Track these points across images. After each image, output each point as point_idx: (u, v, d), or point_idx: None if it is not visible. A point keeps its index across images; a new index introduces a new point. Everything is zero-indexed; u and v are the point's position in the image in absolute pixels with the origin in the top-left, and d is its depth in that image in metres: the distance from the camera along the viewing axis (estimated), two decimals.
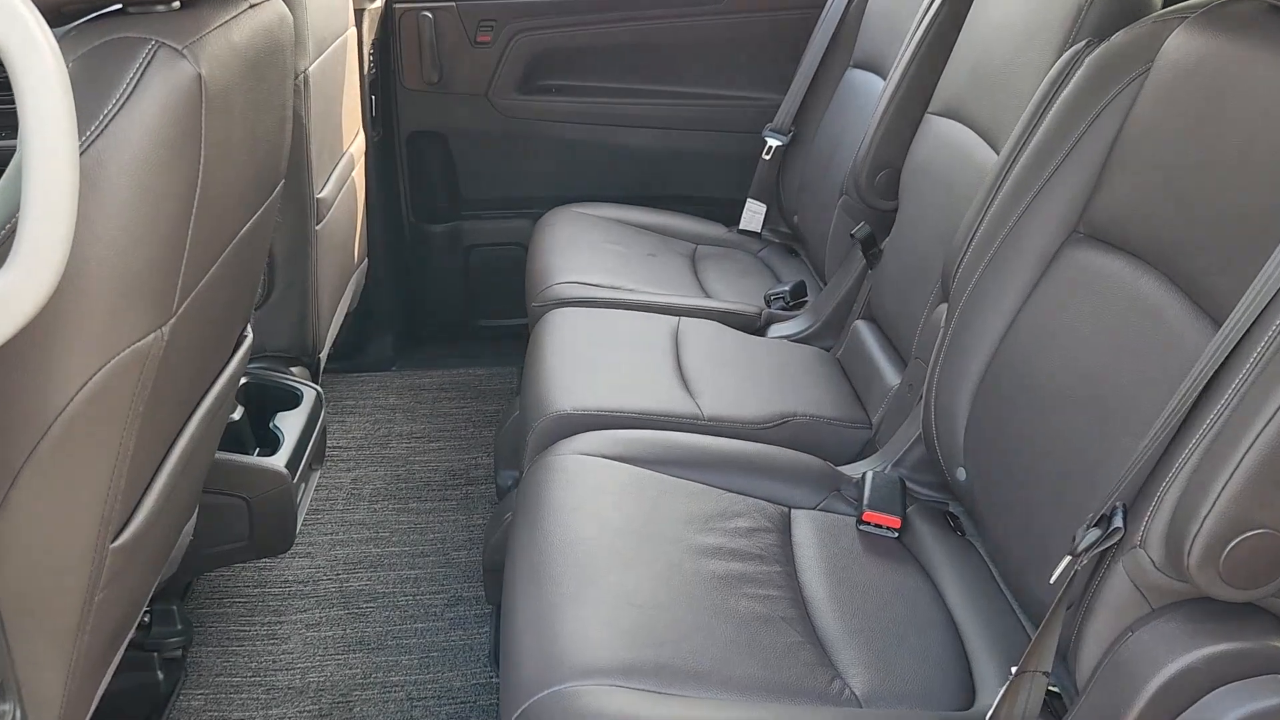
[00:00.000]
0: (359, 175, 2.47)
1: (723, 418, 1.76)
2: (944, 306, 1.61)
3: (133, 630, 1.36)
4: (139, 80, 0.90)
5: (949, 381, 1.51)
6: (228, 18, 1.05)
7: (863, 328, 2.04)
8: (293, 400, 2.01)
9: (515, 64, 2.76)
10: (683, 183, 2.89)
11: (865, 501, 1.58)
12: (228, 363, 1.41)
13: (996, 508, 1.39)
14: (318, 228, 2.07)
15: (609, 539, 1.41)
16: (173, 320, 0.99)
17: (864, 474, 1.64)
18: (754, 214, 2.71)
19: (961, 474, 1.47)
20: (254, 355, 2.10)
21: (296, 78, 1.93)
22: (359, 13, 2.50)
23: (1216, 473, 0.98)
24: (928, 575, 1.49)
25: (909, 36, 2.10)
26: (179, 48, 0.94)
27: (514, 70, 2.77)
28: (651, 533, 1.44)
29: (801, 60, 2.65)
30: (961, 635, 1.37)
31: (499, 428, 2.36)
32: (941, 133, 1.90)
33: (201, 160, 0.97)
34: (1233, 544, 0.98)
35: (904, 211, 1.98)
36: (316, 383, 2.20)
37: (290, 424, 1.94)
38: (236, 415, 1.86)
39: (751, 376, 1.92)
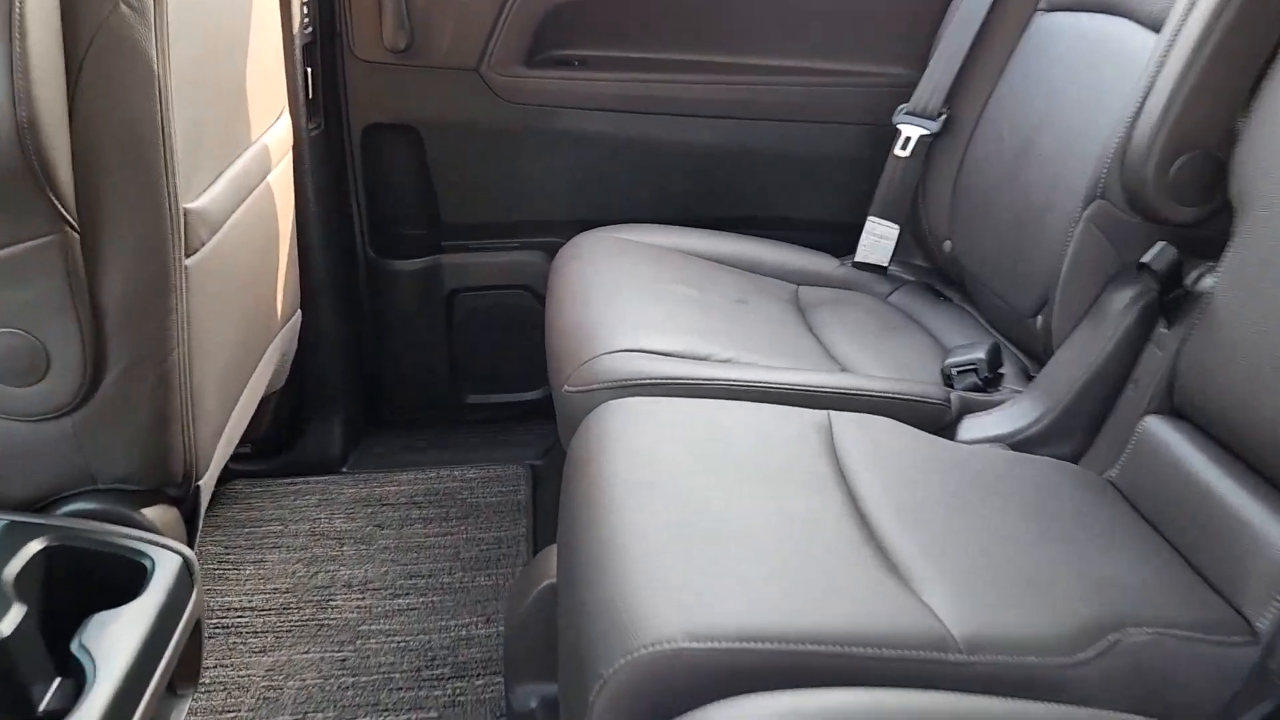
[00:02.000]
0: (280, 181, 1.56)
1: (992, 644, 0.86)
2: None
3: None
4: None
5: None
6: None
7: (1163, 432, 1.14)
8: (132, 580, 1.09)
9: (522, 24, 1.87)
10: (767, 196, 2.00)
11: None
12: None
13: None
14: (188, 262, 1.17)
15: None
16: None
17: None
18: (879, 240, 1.82)
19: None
20: (72, 492, 1.19)
21: None
22: None
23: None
24: None
25: None
26: None
27: (520, 34, 1.88)
28: None
29: (950, 10, 1.78)
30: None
31: (512, 599, 1.43)
32: None
33: None
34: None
35: (1252, 228, 1.09)
36: (194, 534, 1.28)
37: (118, 634, 1.01)
38: (9, 625, 0.95)
39: (1011, 542, 1.02)
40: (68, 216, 1.04)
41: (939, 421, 1.33)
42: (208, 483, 1.30)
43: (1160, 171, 1.18)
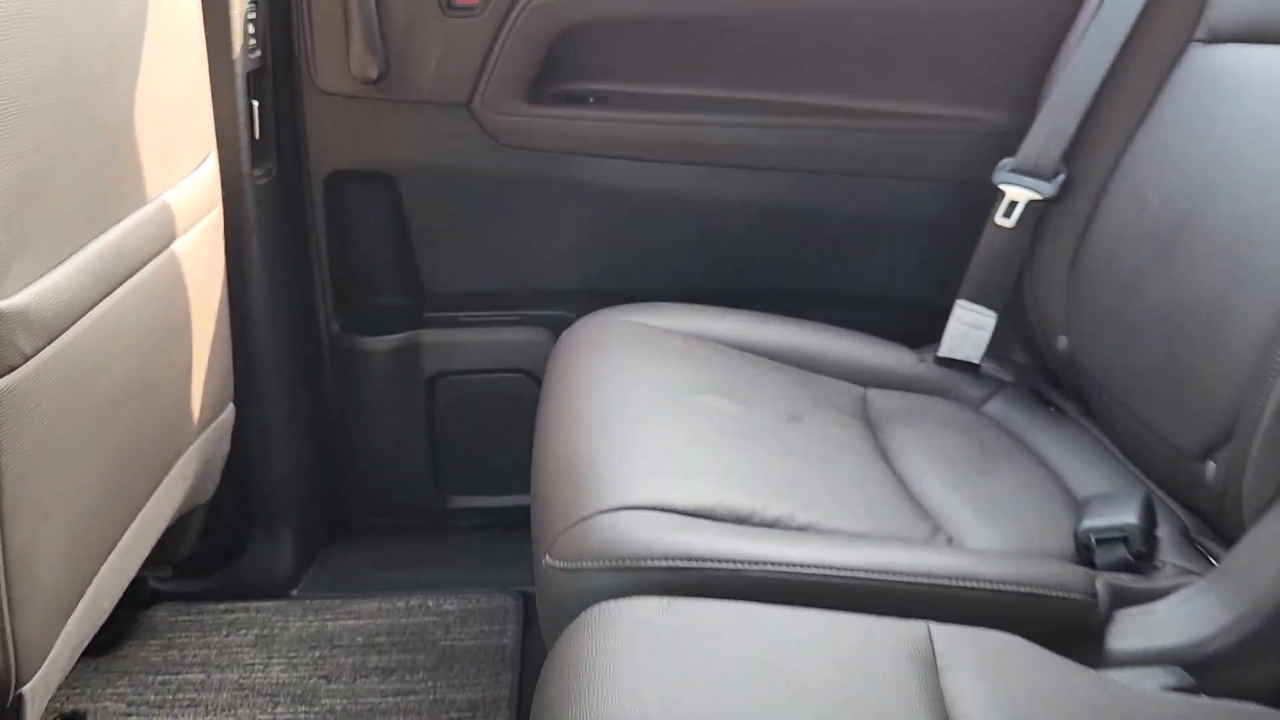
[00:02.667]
0: (195, 248, 1.20)
1: None
2: None
3: None
4: None
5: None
6: None
7: None
8: None
9: (525, 51, 1.51)
10: (829, 268, 1.62)
11: None
12: None
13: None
14: (3, 382, 0.80)
15: None
16: None
17: None
18: (970, 329, 1.42)
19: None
20: None
21: None
22: None
23: None
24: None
25: None
26: None
27: (522, 62, 1.51)
28: None
29: (1070, 40, 1.39)
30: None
31: None
32: None
33: None
34: None
35: None
36: None
37: None
38: None
39: None
40: None
41: (1083, 624, 0.93)
42: (42, 683, 0.92)
43: None
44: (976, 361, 1.42)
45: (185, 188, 1.16)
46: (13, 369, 0.81)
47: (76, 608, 0.96)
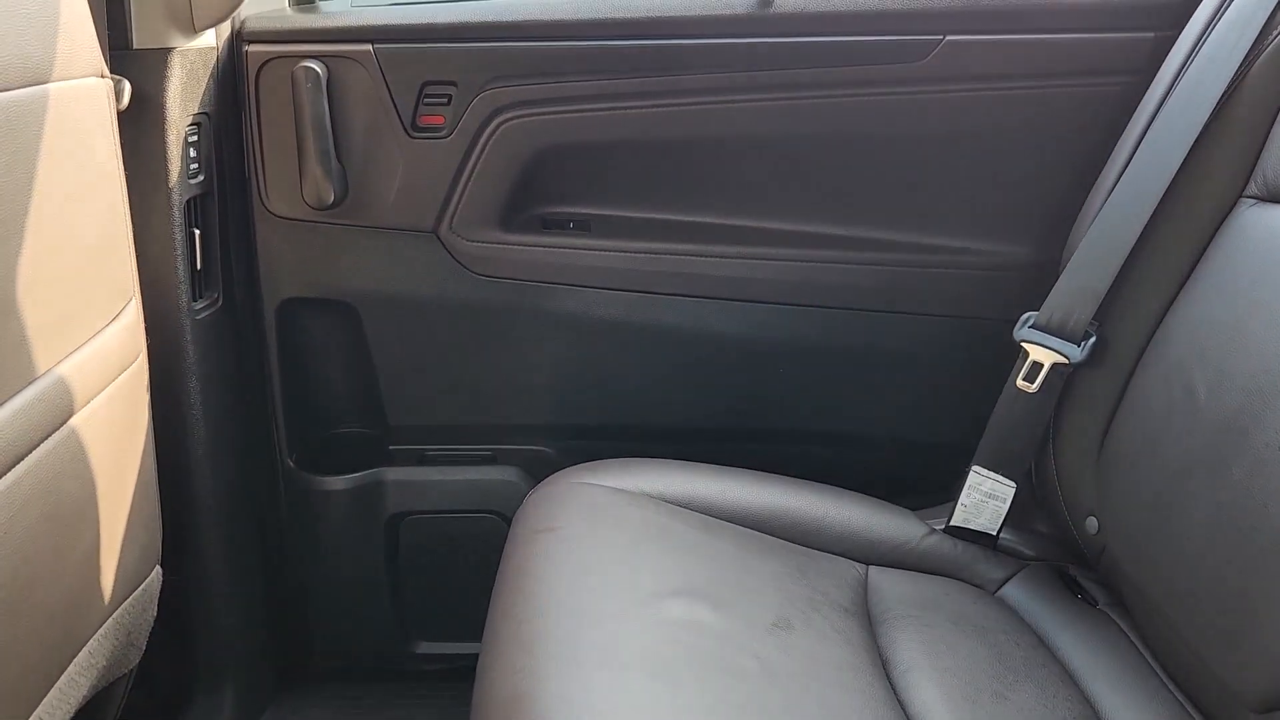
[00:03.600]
0: (110, 409, 1.06)
1: None
2: None
3: None
4: None
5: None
6: None
7: None
8: None
9: (497, 174, 1.37)
10: (820, 413, 1.46)
11: None
12: None
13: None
14: None
15: None
16: None
17: None
18: (986, 499, 1.26)
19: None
20: None
21: None
22: (142, 55, 1.15)
23: None
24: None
25: None
26: None
27: (494, 186, 1.37)
28: None
29: (1104, 179, 1.23)
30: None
31: None
32: None
33: None
34: None
35: None
36: None
37: None
38: None
39: None
40: None
41: None
42: None
43: None
44: (993, 533, 1.26)
45: (92, 349, 1.03)
46: None
47: None
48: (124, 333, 1.11)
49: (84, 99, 1.01)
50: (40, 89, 0.92)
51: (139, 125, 1.21)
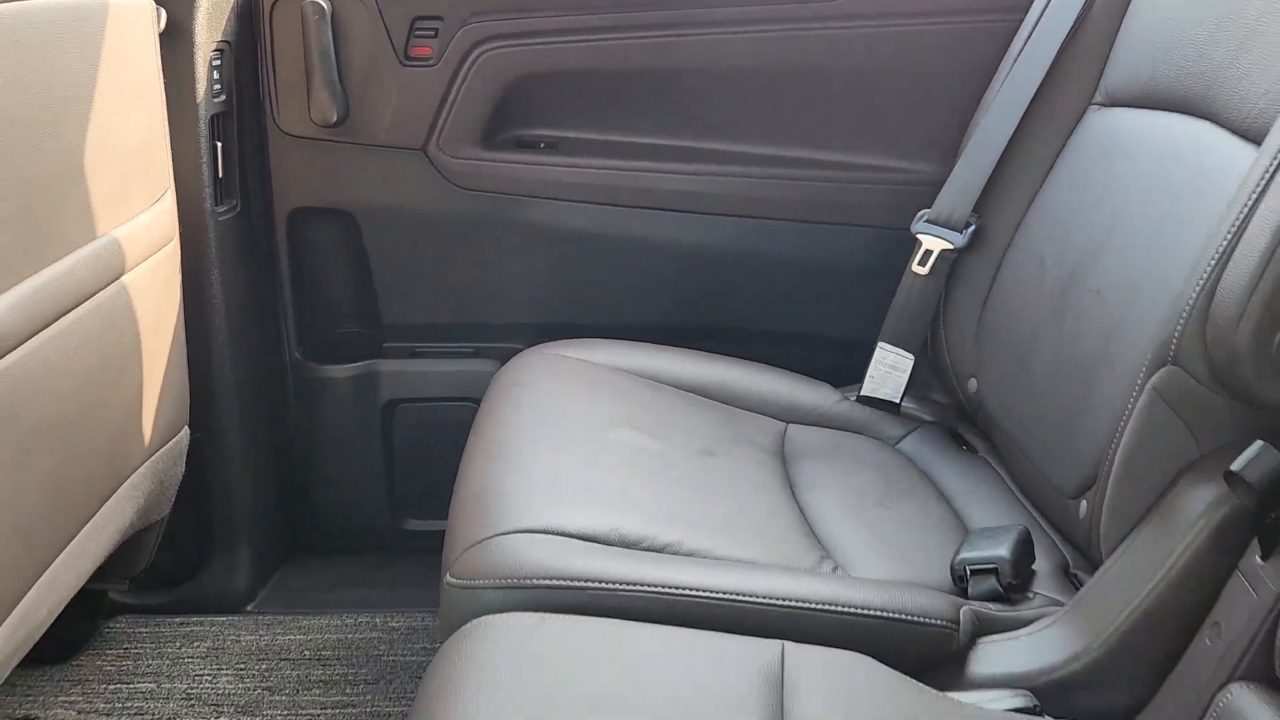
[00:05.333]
0: (147, 280, 1.28)
1: None
2: None
3: None
4: None
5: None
6: None
7: (1261, 714, 0.80)
8: None
9: (477, 99, 1.59)
10: (760, 309, 1.69)
11: None
12: None
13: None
14: None
15: None
16: None
17: None
18: (890, 370, 1.49)
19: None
20: None
21: None
22: None
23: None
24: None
25: None
26: None
27: (475, 109, 1.60)
28: None
29: (986, 99, 1.46)
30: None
31: None
32: None
33: None
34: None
35: None
36: None
37: None
38: None
39: None
40: None
41: (943, 650, 0.99)
42: None
43: (1259, 338, 0.85)
44: (896, 401, 1.49)
45: (136, 225, 1.25)
46: None
47: (10, 616, 1.04)
48: (162, 215, 1.33)
49: (134, 15, 1.23)
50: (102, 1, 1.14)
51: (172, 49, 1.42)
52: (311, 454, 1.78)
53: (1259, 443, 0.84)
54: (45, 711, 1.45)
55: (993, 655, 0.99)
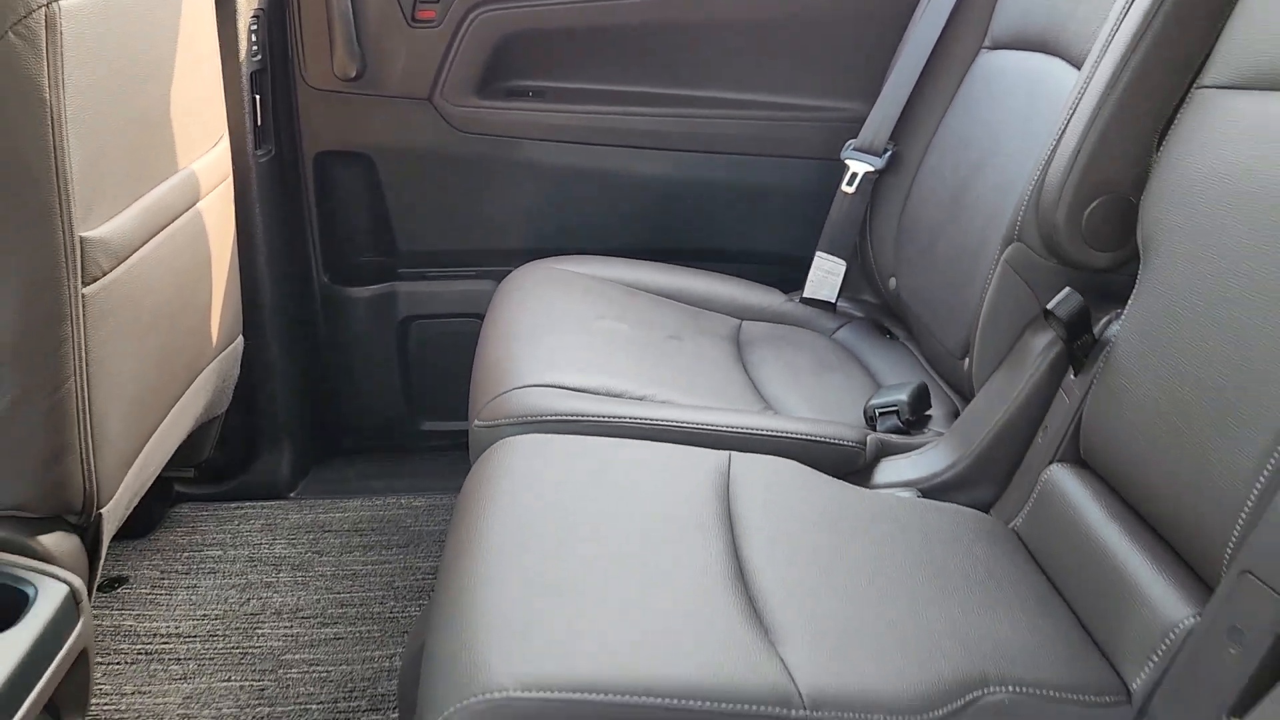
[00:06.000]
0: (213, 208, 1.57)
1: (841, 702, 0.83)
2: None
3: None
4: None
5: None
6: None
7: (1067, 483, 1.11)
8: (9, 607, 1.09)
9: (474, 55, 1.88)
10: (719, 229, 1.99)
11: None
12: None
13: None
14: (86, 291, 1.17)
15: None
16: None
17: None
18: (826, 275, 1.80)
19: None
20: None
21: (28, 16, 1.04)
22: None
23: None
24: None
25: None
26: None
27: (472, 64, 1.89)
28: None
29: (901, 46, 1.76)
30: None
31: (408, 639, 1.42)
32: (1246, 124, 0.99)
33: None
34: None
35: (1155, 274, 1.07)
36: (95, 563, 1.27)
37: None
38: None
39: (882, 592, 0.99)
40: None
41: (852, 465, 1.30)
42: (113, 511, 1.29)
43: (1072, 215, 1.16)
44: (832, 300, 1.80)
45: (205, 161, 1.53)
46: (96, 280, 1.18)
47: (133, 465, 1.33)
48: (221, 155, 1.61)
49: None
50: None
51: (221, 16, 1.69)
52: (339, 365, 2.07)
53: (1067, 289, 1.15)
54: (134, 573, 1.75)
55: (890, 468, 1.31)
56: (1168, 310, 1.03)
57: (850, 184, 1.75)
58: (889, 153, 1.71)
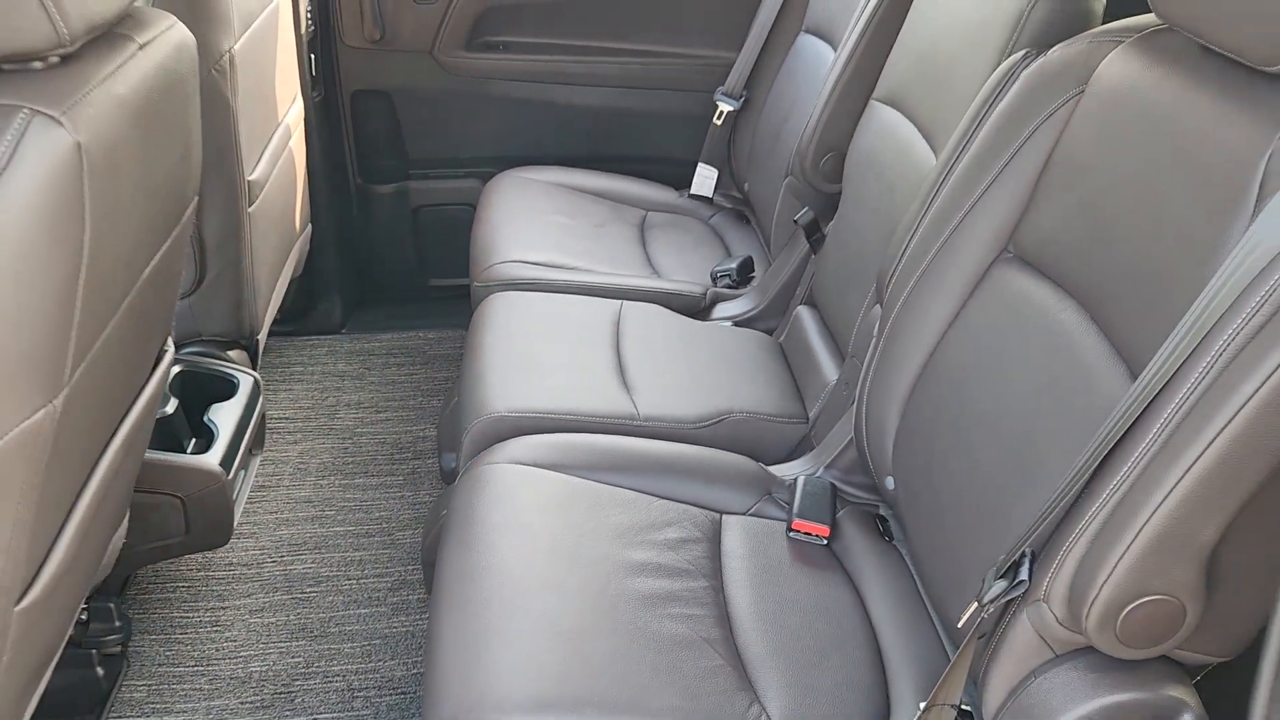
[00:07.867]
0: (297, 143, 2.40)
1: (659, 417, 1.76)
2: (879, 309, 1.60)
3: (63, 645, 1.36)
4: (12, 156, 0.86)
5: (880, 390, 1.50)
6: (113, 68, 1.00)
7: (804, 315, 2.03)
8: (229, 389, 1.99)
9: (460, 20, 2.67)
10: (633, 144, 2.83)
11: (795, 510, 1.59)
12: (144, 387, 1.38)
13: (921, 522, 1.41)
14: (250, 209, 2.02)
15: (537, 561, 1.41)
16: (65, 391, 0.97)
17: (796, 479, 1.65)
18: (705, 179, 2.66)
19: (890, 483, 1.48)
20: (189, 341, 2.07)
21: (220, 59, 1.86)
22: None
23: (1117, 538, 1.00)
24: (854, 587, 1.51)
25: (859, 10, 2.04)
26: (55, 114, 0.90)
27: (459, 27, 2.68)
28: (580, 551, 1.44)
29: (755, 20, 2.58)
30: (883, 653, 1.40)
31: (444, 405, 2.35)
32: (886, 122, 1.86)
33: (87, 231, 0.93)
34: (1129, 608, 1.01)
35: (846, 200, 1.95)
36: (255, 365, 2.17)
37: (225, 416, 1.92)
38: (170, 409, 1.84)
39: (690, 369, 1.91)
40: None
41: (697, 307, 2.21)
42: (262, 337, 2.19)
43: (814, 162, 2.03)
44: (709, 196, 2.67)
45: (294, 111, 2.36)
46: (254, 202, 2.03)
47: (270, 305, 2.22)
48: (299, 106, 2.44)
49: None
50: (272, 5, 2.22)
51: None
52: (371, 240, 2.93)
53: (805, 208, 2.03)
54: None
55: (723, 310, 2.21)
56: (845, 218, 1.92)
57: (719, 119, 2.59)
58: (744, 98, 2.55)
